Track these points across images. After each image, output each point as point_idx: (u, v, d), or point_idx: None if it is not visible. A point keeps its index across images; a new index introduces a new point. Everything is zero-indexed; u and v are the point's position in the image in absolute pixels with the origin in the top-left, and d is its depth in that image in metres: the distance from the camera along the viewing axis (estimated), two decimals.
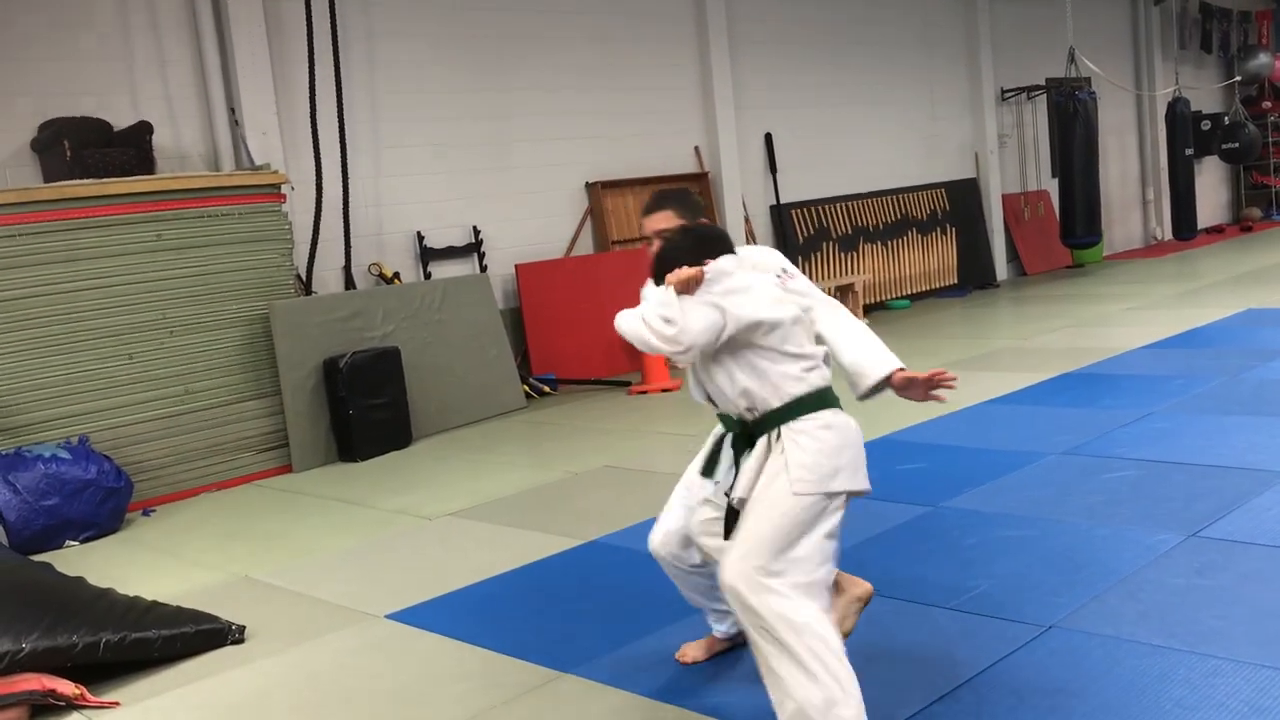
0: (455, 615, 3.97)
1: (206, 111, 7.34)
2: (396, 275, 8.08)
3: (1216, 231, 16.72)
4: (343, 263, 7.82)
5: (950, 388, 2.80)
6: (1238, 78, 17.32)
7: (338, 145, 7.70)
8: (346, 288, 7.79)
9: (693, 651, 3.33)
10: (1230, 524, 4.03)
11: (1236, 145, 15.98)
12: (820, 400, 2.72)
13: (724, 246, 2.83)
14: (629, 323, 2.74)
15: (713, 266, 2.72)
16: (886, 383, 2.82)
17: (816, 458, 2.64)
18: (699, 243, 2.81)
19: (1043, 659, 3.11)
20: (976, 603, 3.51)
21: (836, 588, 2.88)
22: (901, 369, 2.82)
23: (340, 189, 7.73)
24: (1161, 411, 5.84)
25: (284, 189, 7.08)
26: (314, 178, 7.54)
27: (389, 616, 4.02)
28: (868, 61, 11.98)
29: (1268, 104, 17.90)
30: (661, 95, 10.04)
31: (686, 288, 2.67)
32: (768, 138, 10.93)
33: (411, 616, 4.00)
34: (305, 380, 6.87)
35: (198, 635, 3.85)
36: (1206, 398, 6.05)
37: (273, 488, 6.45)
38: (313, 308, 7.06)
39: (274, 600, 4.38)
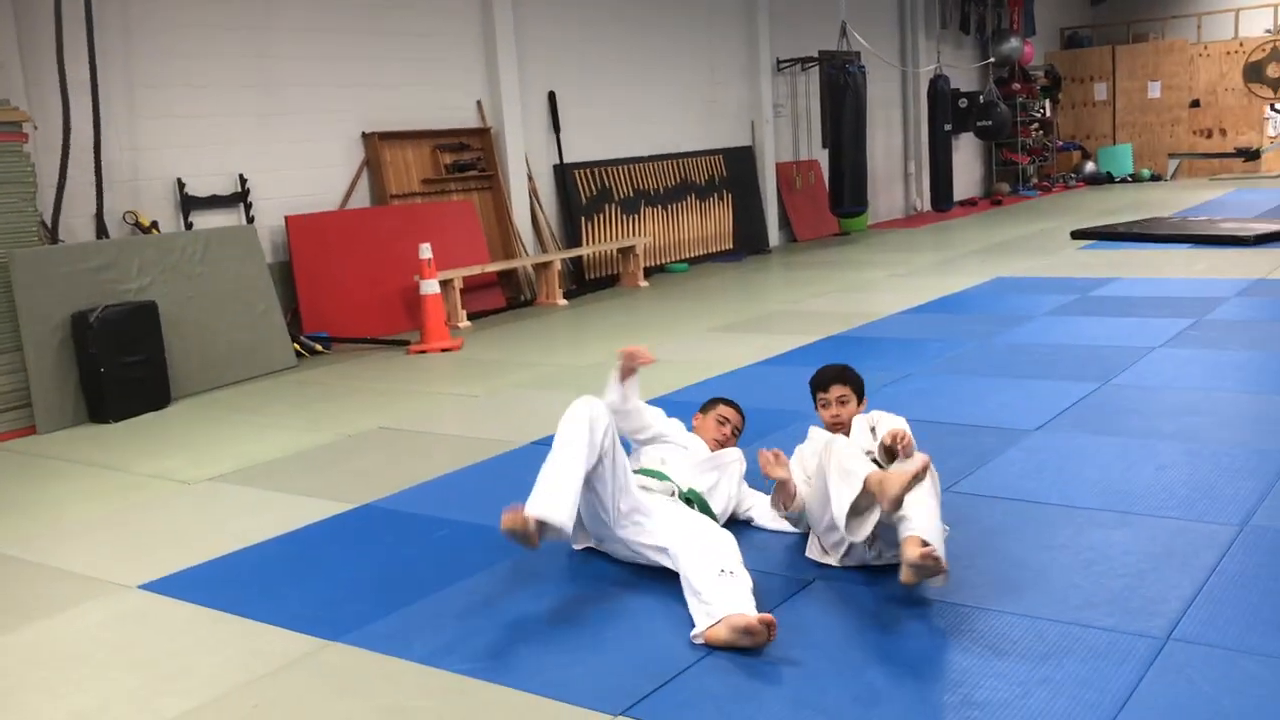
0: (215, 584, 3.78)
1: None
2: (154, 225, 7.59)
3: (970, 204, 17.76)
4: (94, 210, 7.28)
5: None
6: (991, 59, 18.40)
7: (88, 82, 7.14)
8: (98, 237, 7.26)
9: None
10: (978, 479, 4.28)
11: (990, 123, 16.98)
12: None
13: None
14: None
15: None
16: None
17: None
18: None
19: (798, 610, 3.21)
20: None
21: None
22: None
23: (92, 130, 7.18)
24: (920, 373, 6.15)
25: (26, 128, 6.52)
26: (60, 117, 6.97)
27: (142, 587, 3.79)
28: (651, 24, 12.04)
29: (1017, 85, 19.10)
30: (443, 44, 9.79)
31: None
32: (551, 96, 10.84)
33: (167, 586, 3.78)
34: (50, 335, 6.38)
35: None
36: (961, 360, 6.41)
37: (13, 451, 5.98)
38: (59, 257, 6.55)
39: (12, 573, 4.06)
